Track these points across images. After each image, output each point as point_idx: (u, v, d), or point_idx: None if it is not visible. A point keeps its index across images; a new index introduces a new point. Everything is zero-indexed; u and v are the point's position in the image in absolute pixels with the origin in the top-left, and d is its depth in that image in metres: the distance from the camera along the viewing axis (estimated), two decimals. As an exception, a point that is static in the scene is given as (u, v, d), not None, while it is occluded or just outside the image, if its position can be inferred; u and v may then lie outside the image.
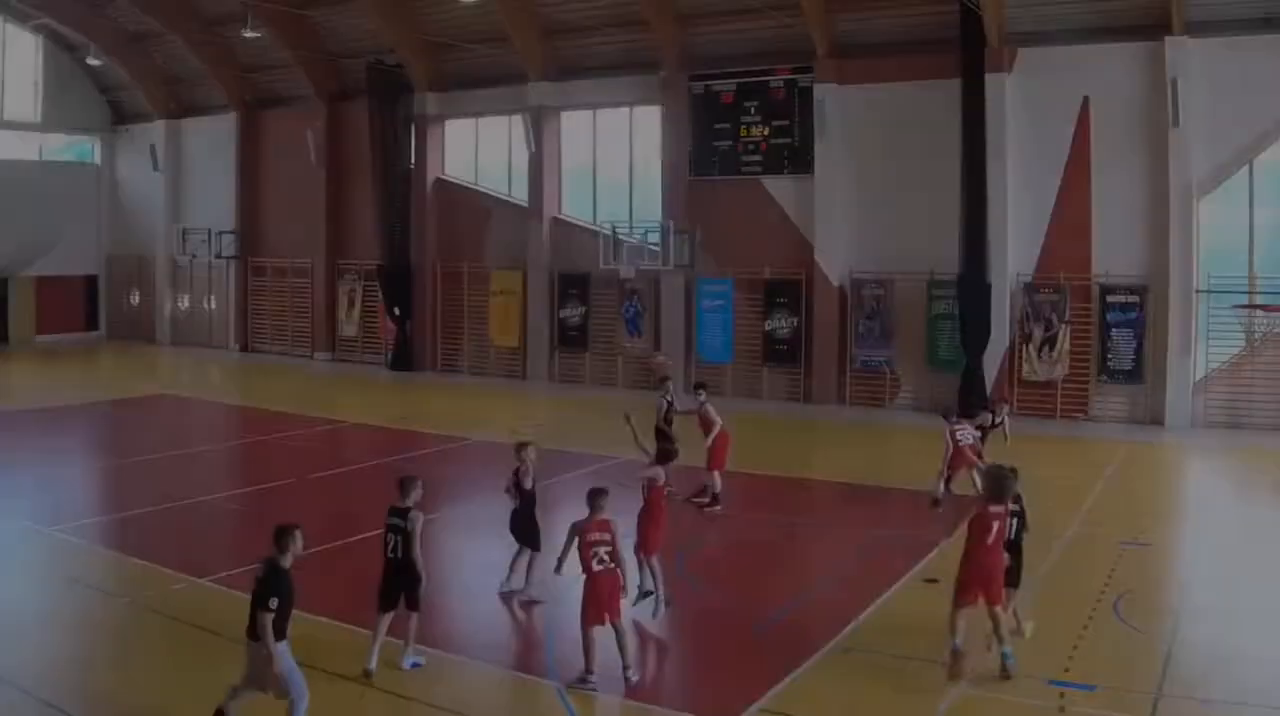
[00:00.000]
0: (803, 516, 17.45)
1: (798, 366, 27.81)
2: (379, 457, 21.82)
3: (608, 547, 10.57)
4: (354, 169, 35.79)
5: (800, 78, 27.51)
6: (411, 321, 34.34)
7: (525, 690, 10.72)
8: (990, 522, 10.68)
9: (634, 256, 29.24)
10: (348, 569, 13.89)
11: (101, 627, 12.37)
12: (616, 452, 20.32)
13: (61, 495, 18.70)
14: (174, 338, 41.98)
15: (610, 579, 10.62)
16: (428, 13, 32.43)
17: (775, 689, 10.30)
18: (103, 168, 44.90)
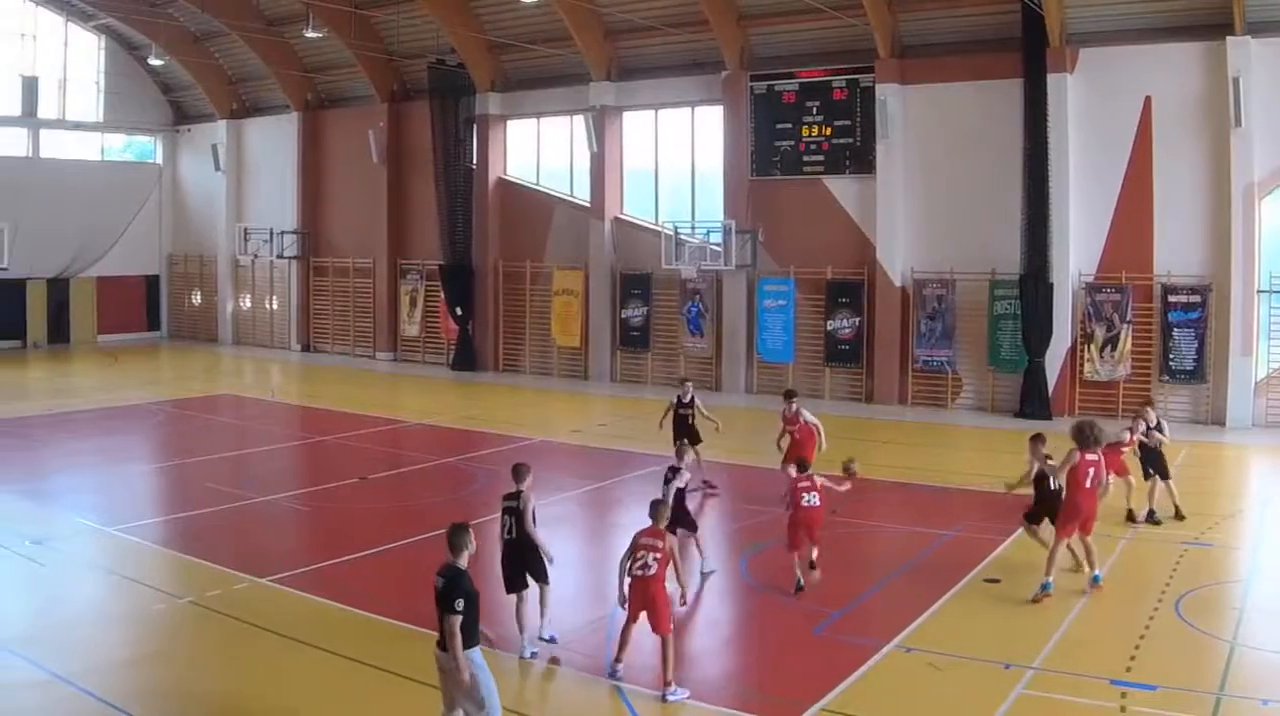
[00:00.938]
0: (864, 516, 18.25)
1: (859, 367, 29.46)
2: (441, 457, 23.32)
3: (656, 555, 11.04)
4: (416, 169, 38.19)
5: (862, 78, 29.16)
6: (474, 321, 36.62)
7: (587, 689, 11.32)
8: (1087, 469, 13.35)
9: (696, 256, 31.03)
10: (410, 569, 14.82)
11: (162, 627, 13.15)
12: None
13: (123, 495, 20.04)
14: (235, 338, 44.69)
15: (646, 585, 11.06)
16: (489, 13, 34.67)
17: (837, 689, 10.90)
18: (164, 167, 47.59)
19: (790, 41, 30.33)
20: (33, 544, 16.28)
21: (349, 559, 15.63)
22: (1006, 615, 13.06)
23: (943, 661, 11.57)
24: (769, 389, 29.95)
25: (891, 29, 28.29)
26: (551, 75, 34.77)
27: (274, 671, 11.58)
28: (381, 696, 10.99)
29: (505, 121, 36.41)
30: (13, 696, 10.96)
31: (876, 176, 28.94)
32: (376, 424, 27.02)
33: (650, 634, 11.12)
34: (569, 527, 17.81)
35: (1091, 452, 13.49)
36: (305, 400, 32.33)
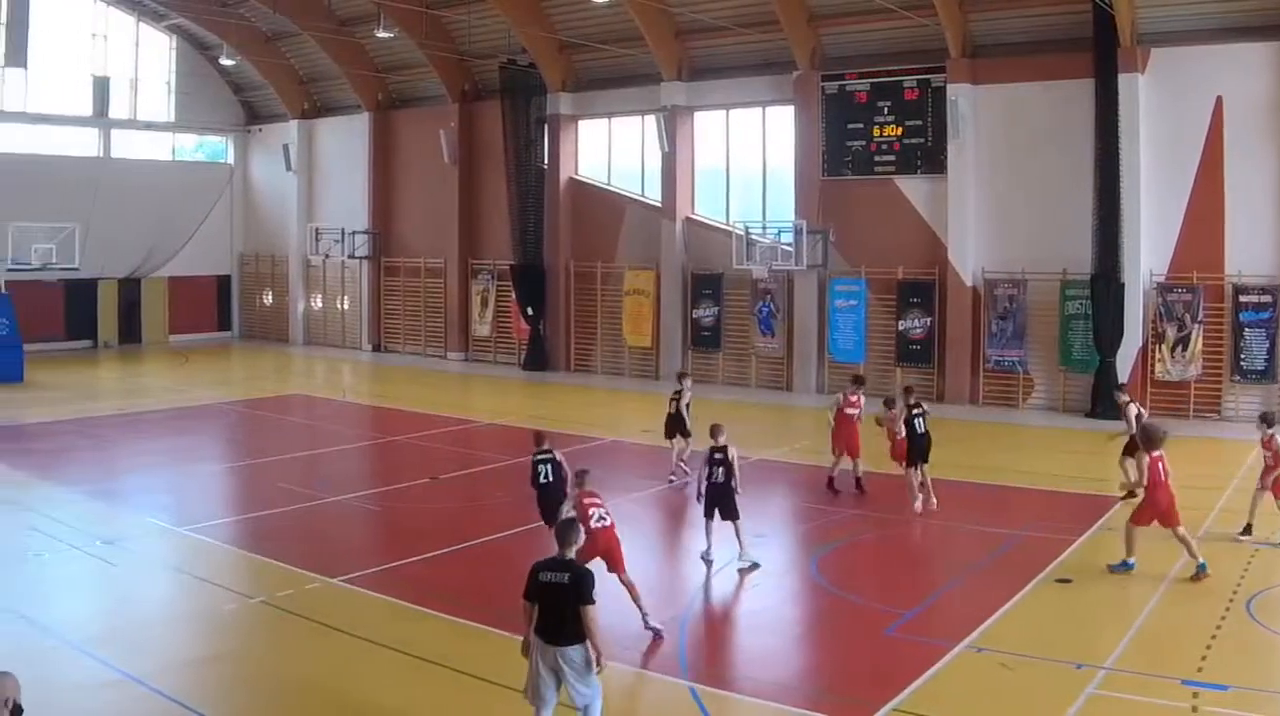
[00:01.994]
0: (936, 516, 19.32)
1: (930, 366, 31.36)
2: (513, 457, 24.16)
3: (603, 509, 13.32)
4: (487, 169, 40.84)
5: (933, 78, 31.06)
6: (545, 321, 39.07)
7: (658, 689, 12.11)
8: (1158, 465, 15.49)
9: (767, 256, 33.10)
10: (482, 568, 16.14)
11: (234, 627, 13.94)
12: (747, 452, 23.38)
13: (194, 495, 21.36)
14: (306, 338, 47.68)
15: (607, 533, 13.17)
16: (560, 13, 37.11)
17: (908, 689, 11.49)
18: (235, 167, 50.79)
19: (861, 41, 32.33)
20: (104, 544, 17.41)
21: (421, 559, 16.73)
22: (1078, 615, 14.01)
23: (1014, 661, 12.25)
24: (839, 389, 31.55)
25: (963, 29, 30.07)
26: (623, 75, 37.12)
27: (346, 671, 12.38)
28: (453, 696, 11.75)
29: (576, 121, 38.84)
30: (87, 696, 11.63)
31: (948, 176, 30.82)
32: (448, 424, 28.81)
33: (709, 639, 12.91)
34: (640, 527, 19.00)
35: (1159, 450, 15.58)
36: (376, 400, 34.38)
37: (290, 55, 46.05)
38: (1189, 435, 25.71)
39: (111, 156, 46.77)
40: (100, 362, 42.56)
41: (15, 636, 13.14)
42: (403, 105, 44.44)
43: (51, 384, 35.29)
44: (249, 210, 50.52)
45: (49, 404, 31.54)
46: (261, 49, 45.42)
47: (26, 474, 22.66)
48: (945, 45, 30.28)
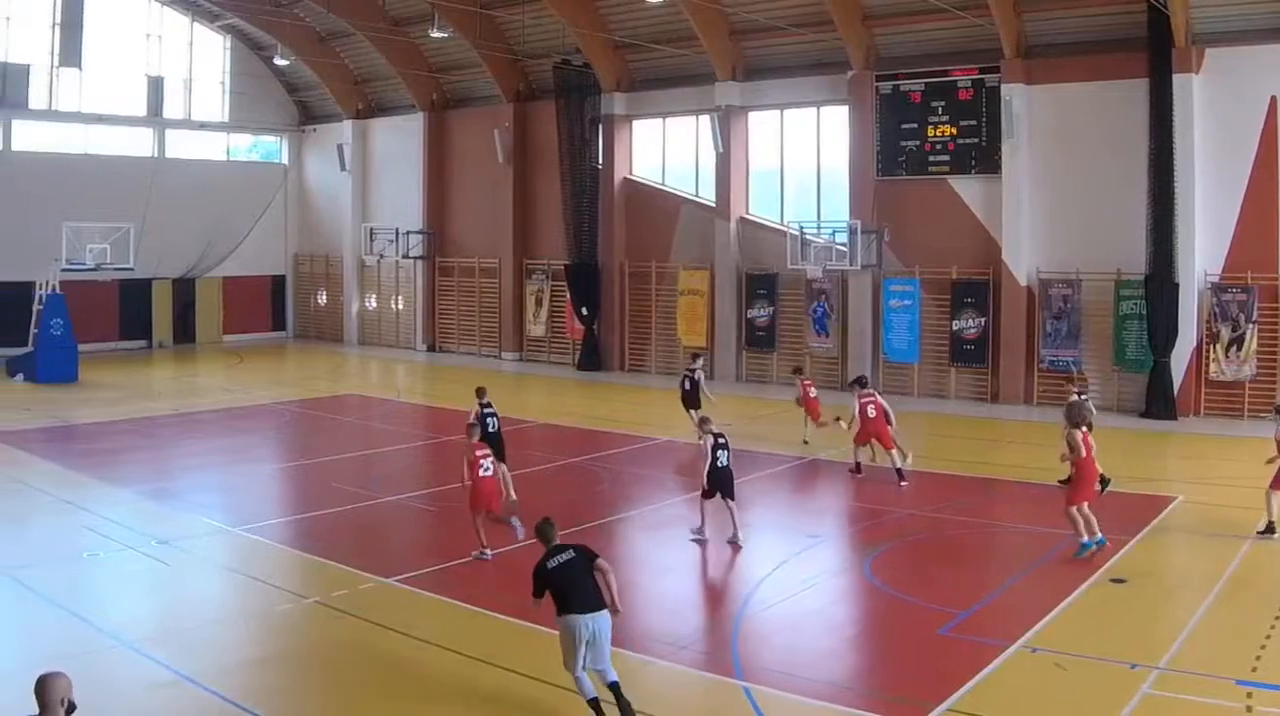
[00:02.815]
0: (989, 516, 20.22)
1: (985, 366, 32.69)
2: (567, 458, 25.85)
3: (489, 459, 17.53)
4: (541, 169, 42.72)
5: (987, 77, 32.40)
6: (599, 321, 40.74)
7: (712, 689, 12.60)
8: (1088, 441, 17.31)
9: (821, 256, 34.60)
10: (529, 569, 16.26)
11: (288, 628, 14.54)
12: (804, 452, 25.11)
13: (248, 495, 22.31)
14: (361, 338, 49.80)
15: (492, 481, 17.47)
16: (615, 13, 38.85)
17: (963, 689, 11.97)
18: (290, 167, 53.09)
19: (916, 41, 33.76)
20: (159, 544, 18.20)
21: (475, 558, 17.41)
22: (1132, 615, 14.61)
23: (1068, 661, 12.75)
24: (895, 389, 33.37)
25: (1017, 29, 31.35)
26: (677, 75, 38.78)
27: (400, 672, 12.94)
28: (507, 696, 12.28)
29: (631, 121, 40.59)
30: (143, 697, 12.17)
31: (1002, 176, 32.12)
32: (502, 424, 29.91)
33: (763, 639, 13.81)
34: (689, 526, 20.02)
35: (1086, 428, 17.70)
36: (431, 400, 35.89)
37: (344, 55, 48.14)
38: (1244, 435, 26.76)
39: (166, 157, 48.89)
40: (154, 363, 44.40)
41: (72, 636, 13.82)
42: (457, 105, 46.49)
43: (106, 384, 36.81)
44: (303, 210, 52.88)
45: (103, 404, 32.92)
46: (316, 49, 47.50)
47: (81, 474, 23.75)
48: (999, 45, 31.54)
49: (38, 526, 19.91)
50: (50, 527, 19.66)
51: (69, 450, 26.64)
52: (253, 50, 50.24)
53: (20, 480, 23.01)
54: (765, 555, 17.85)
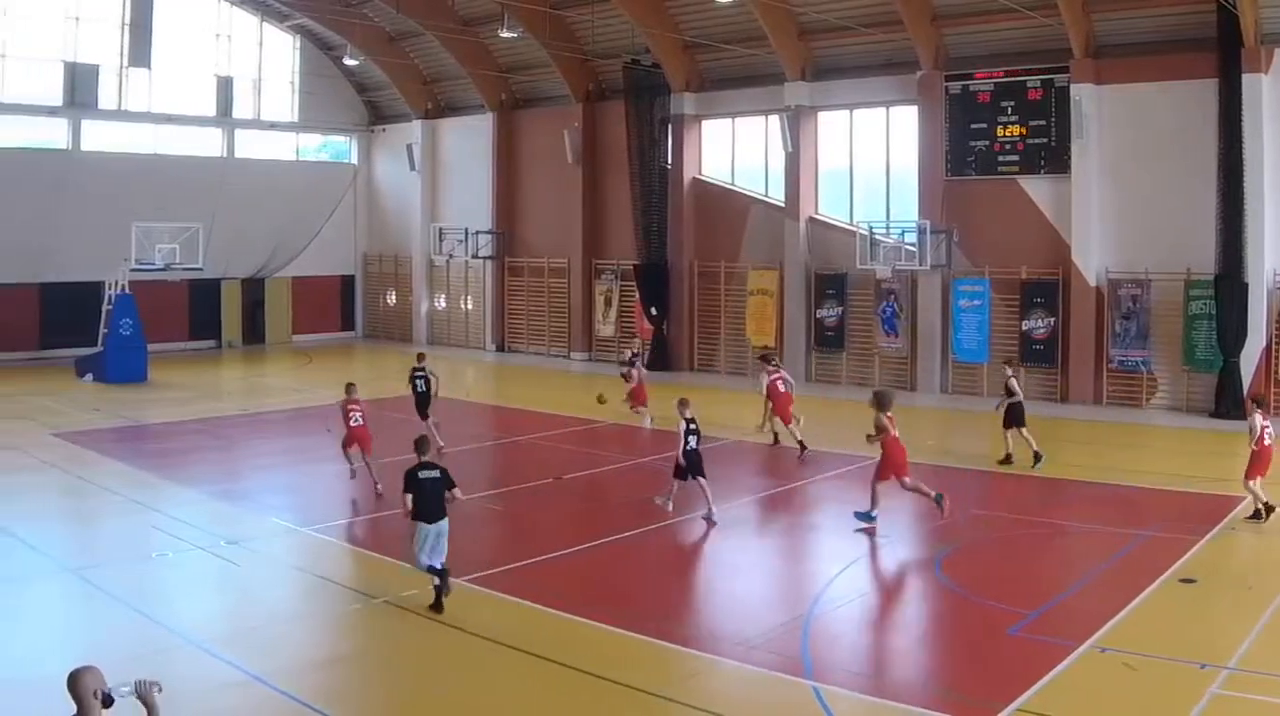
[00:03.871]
0: (1059, 516, 20.94)
1: (1054, 366, 34.27)
2: (636, 458, 27.09)
3: (359, 412, 22.76)
4: (610, 169, 44.95)
5: (1057, 77, 33.94)
6: (669, 321, 42.70)
7: (781, 689, 13.01)
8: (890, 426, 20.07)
9: (891, 256, 36.34)
10: (605, 569, 17.84)
11: (358, 628, 15.22)
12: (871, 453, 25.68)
13: (317, 495, 23.21)
14: (430, 338, 52.29)
15: (363, 429, 22.77)
16: (684, 13, 40.88)
17: (1032, 689, 12.44)
18: (359, 167, 55.75)
19: (985, 41, 35.44)
20: (228, 544, 19.06)
21: (544, 559, 18.31)
22: (1202, 615, 15.28)
23: (1138, 661, 13.24)
24: (964, 389, 35.08)
25: (1086, 29, 32.87)
26: (746, 75, 40.76)
27: (470, 672, 13.56)
28: (576, 696, 12.85)
29: (700, 121, 42.65)
30: (213, 697, 12.67)
31: (1071, 176, 33.64)
32: (571, 424, 31.62)
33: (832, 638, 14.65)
34: (761, 528, 21.39)
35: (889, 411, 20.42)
36: (500, 400, 37.51)
37: (414, 55, 50.67)
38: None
39: (235, 157, 51.38)
40: (223, 363, 46.47)
41: (141, 636, 14.45)
42: (526, 105, 48.91)
43: (175, 384, 38.36)
44: (373, 210, 55.61)
45: (172, 404, 34.43)
46: (385, 49, 49.97)
47: (151, 474, 24.92)
48: (1069, 45, 33.07)
49: (107, 526, 21.07)
50: (119, 528, 20.73)
51: (138, 450, 28.01)
52: (322, 50, 52.97)
53: (89, 480, 24.23)
54: (835, 555, 18.80)
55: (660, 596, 16.82)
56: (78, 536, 20.68)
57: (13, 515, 20.87)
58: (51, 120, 46.61)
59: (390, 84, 51.79)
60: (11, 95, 45.06)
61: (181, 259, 41.97)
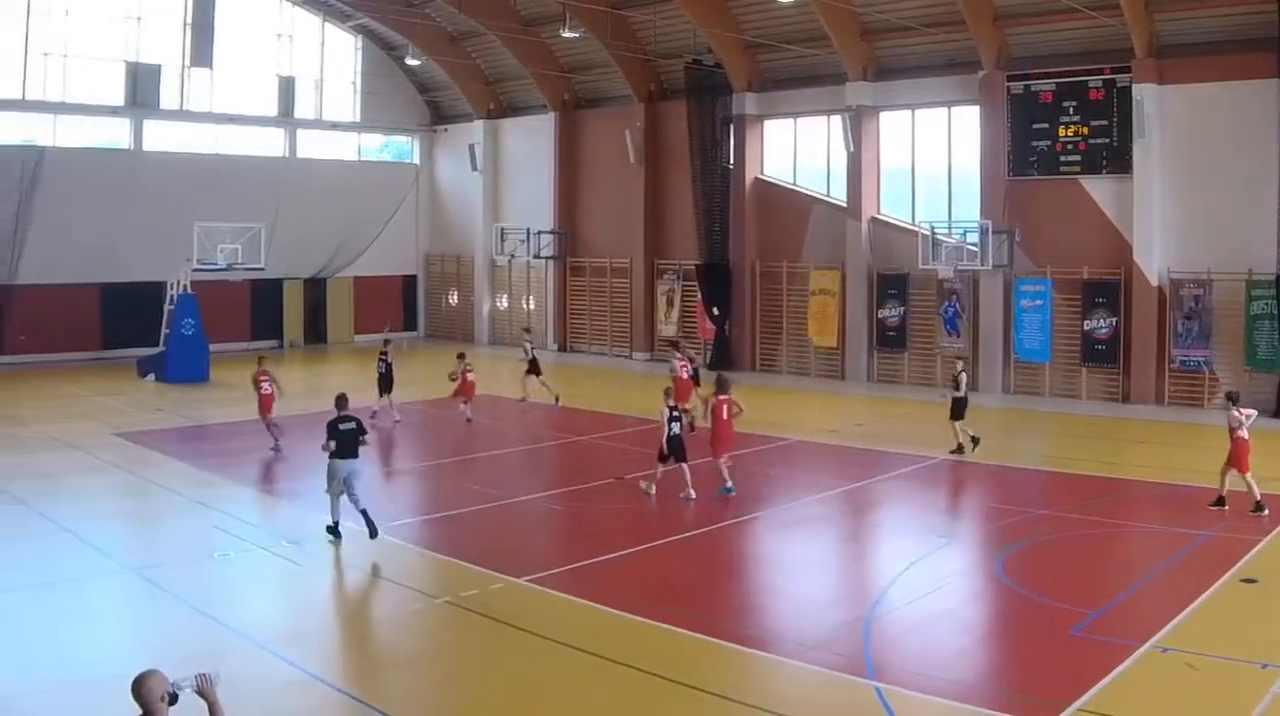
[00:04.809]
0: (1120, 516, 21.63)
1: (1116, 366, 35.57)
2: (696, 458, 26.41)
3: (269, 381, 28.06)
4: (672, 169, 46.69)
5: (1119, 77, 35.23)
6: (730, 321, 44.30)
7: (843, 689, 13.43)
8: (721, 406, 23.68)
9: (953, 256, 37.76)
10: (666, 569, 18.41)
11: (419, 628, 15.69)
12: (933, 453, 27.44)
13: (378, 495, 23.08)
14: (492, 338, 54.19)
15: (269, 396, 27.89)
16: (746, 12, 42.54)
17: (1093, 689, 12.83)
18: (421, 167, 57.87)
19: (1046, 41, 36.83)
20: (290, 544, 19.71)
21: (605, 559, 18.91)
22: (1264, 614, 15.70)
23: (1199, 661, 13.65)
24: (1025, 389, 36.46)
25: (1148, 28, 34.16)
26: (808, 75, 42.42)
27: (532, 672, 14.01)
28: (638, 696, 13.24)
29: (762, 121, 44.36)
30: (274, 697, 13.10)
31: (1133, 176, 34.90)
32: (633, 424, 32.48)
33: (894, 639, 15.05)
34: (825, 527, 21.93)
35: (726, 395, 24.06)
36: (562, 400, 37.84)
37: (476, 55, 52.79)
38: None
39: (297, 157, 53.58)
40: (285, 362, 47.23)
41: (203, 636, 15.00)
42: (588, 105, 50.93)
43: (237, 384, 37.97)
44: (434, 210, 57.83)
45: (234, 404, 34.75)
46: (447, 49, 52.05)
47: (212, 474, 25.84)
48: (1130, 45, 34.33)
49: (169, 526, 21.93)
50: (181, 527, 21.54)
51: (200, 450, 29.03)
52: (384, 50, 55.14)
53: (152, 480, 25.14)
54: (897, 555, 19.63)
55: (722, 596, 17.33)
56: (140, 536, 21.58)
57: (76, 515, 21.79)
58: (114, 120, 48.65)
59: (452, 84, 53.90)
60: (75, 95, 47.02)
61: (244, 259, 43.40)
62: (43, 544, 19.94)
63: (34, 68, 45.93)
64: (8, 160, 44.86)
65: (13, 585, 17.44)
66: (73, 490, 24.17)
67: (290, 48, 52.77)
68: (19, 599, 16.87)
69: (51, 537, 20.30)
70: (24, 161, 45.22)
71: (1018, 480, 24.89)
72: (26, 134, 46.71)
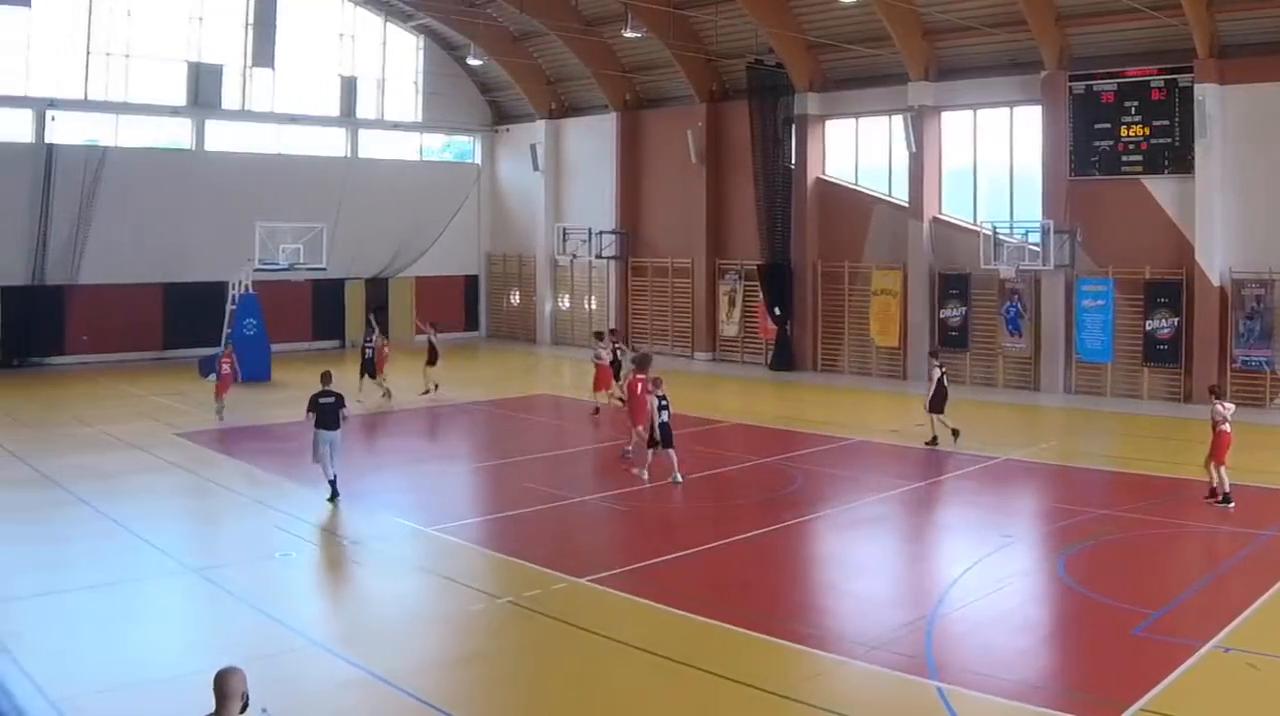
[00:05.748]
0: (1183, 517, 22.08)
1: (1178, 366, 36.74)
2: (759, 458, 28.79)
3: (230, 363, 33.76)
4: (734, 169, 48.25)
5: (1180, 77, 36.31)
6: (792, 321, 45.78)
7: (905, 689, 13.71)
8: (635, 383, 26.93)
9: (1014, 256, 38.97)
10: (729, 569, 18.75)
11: (481, 628, 15.99)
12: (995, 453, 28.35)
13: (440, 495, 24.73)
14: (554, 338, 55.80)
15: (228, 377, 33.22)
16: (808, 13, 43.97)
17: (1155, 689, 13.13)
18: (483, 167, 59.68)
19: (1108, 41, 38.02)
20: (351, 544, 20.45)
21: (668, 559, 19.36)
22: None
23: (1261, 661, 13.93)
24: (1087, 389, 37.69)
25: (1209, 29, 35.30)
26: (870, 75, 43.84)
27: (593, 672, 14.33)
28: (700, 696, 13.57)
29: (824, 121, 45.88)
30: (334, 696, 13.54)
31: (1195, 176, 36.01)
32: (694, 424, 32.50)
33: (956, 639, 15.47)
34: (887, 527, 22.58)
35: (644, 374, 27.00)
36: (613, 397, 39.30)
37: (537, 55, 54.63)
38: None
39: (359, 157, 55.33)
40: (346, 362, 47.42)
41: (264, 635, 15.42)
42: (650, 105, 52.64)
43: (298, 383, 38.26)
44: (496, 210, 59.65)
45: (295, 404, 34.36)
46: (509, 49, 53.86)
47: (273, 474, 26.68)
48: (1192, 45, 35.43)
49: (230, 526, 22.71)
50: (242, 527, 22.33)
51: (261, 450, 29.96)
52: (446, 50, 57.00)
53: (212, 480, 26.03)
54: (959, 555, 20.16)
55: (784, 596, 17.84)
56: (201, 536, 22.19)
57: (137, 515, 22.35)
58: (176, 120, 50.44)
59: (514, 84, 55.64)
60: (137, 96, 48.79)
61: (305, 259, 44.46)
62: (104, 544, 20.48)
63: (96, 68, 47.60)
64: (70, 160, 46.42)
65: (75, 585, 17.90)
66: (134, 490, 24.92)
67: (352, 48, 54.54)
68: (81, 598, 17.28)
69: (113, 537, 20.86)
70: (86, 162, 46.75)
71: (1080, 480, 25.68)
72: (89, 134, 48.17)
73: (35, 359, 46.32)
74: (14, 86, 45.88)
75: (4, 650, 14.35)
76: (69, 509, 23.08)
